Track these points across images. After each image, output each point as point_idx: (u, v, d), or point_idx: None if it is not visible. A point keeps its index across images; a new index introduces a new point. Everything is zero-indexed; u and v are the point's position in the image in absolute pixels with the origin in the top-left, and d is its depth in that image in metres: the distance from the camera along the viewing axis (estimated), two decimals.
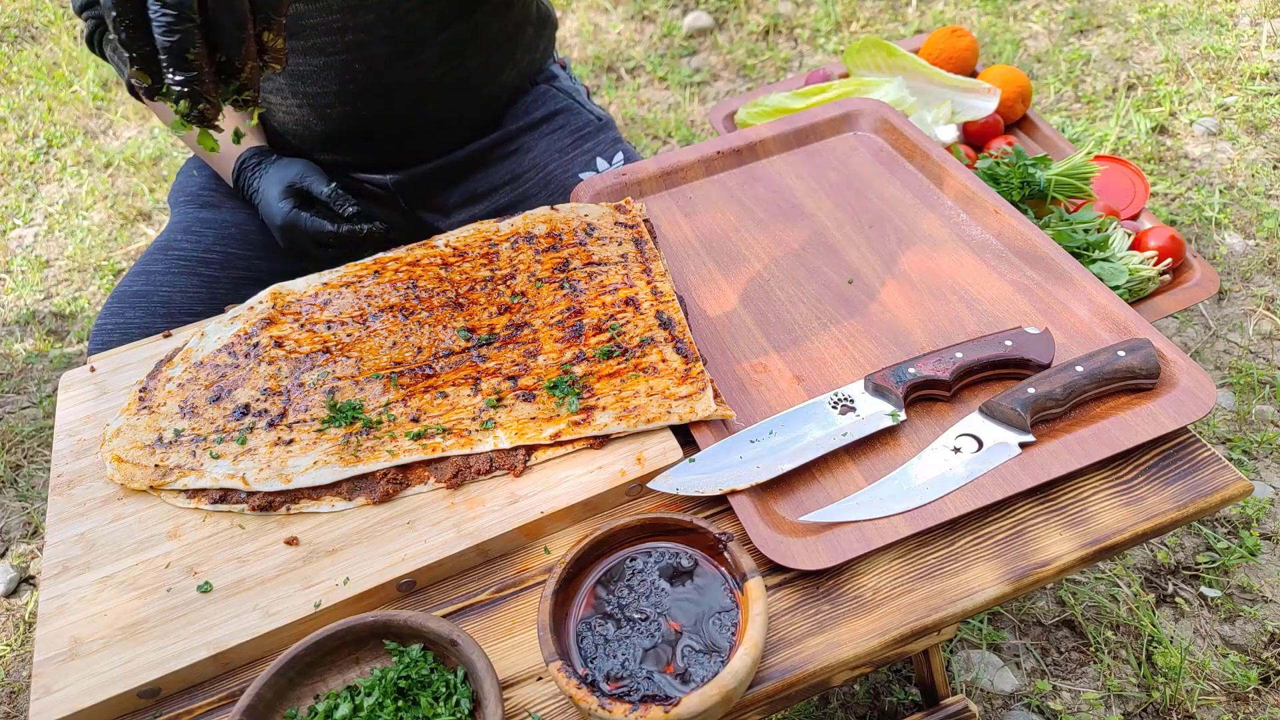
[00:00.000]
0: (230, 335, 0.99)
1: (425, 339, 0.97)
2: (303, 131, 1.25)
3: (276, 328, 0.99)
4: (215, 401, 0.93)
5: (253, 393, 0.94)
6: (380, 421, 0.89)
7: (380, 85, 1.19)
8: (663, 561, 0.75)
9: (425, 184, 1.32)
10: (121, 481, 0.88)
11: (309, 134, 1.25)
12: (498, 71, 1.29)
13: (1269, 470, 1.66)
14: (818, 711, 1.42)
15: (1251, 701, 1.38)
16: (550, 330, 0.96)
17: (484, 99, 1.30)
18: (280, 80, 1.19)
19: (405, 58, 1.18)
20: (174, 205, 1.32)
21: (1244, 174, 2.20)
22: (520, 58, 1.31)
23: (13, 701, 1.61)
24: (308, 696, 0.72)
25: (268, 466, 0.87)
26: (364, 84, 1.19)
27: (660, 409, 0.87)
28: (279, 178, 1.17)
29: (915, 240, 1.05)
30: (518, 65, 1.31)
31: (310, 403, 0.92)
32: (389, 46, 1.16)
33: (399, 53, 1.17)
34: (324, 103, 1.20)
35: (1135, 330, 0.89)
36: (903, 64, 1.63)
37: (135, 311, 1.15)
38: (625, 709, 0.65)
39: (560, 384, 0.90)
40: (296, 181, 1.17)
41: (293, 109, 1.22)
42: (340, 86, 1.18)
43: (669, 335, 0.93)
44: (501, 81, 1.30)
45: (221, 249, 1.23)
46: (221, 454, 0.88)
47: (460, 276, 1.03)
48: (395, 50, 1.17)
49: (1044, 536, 0.77)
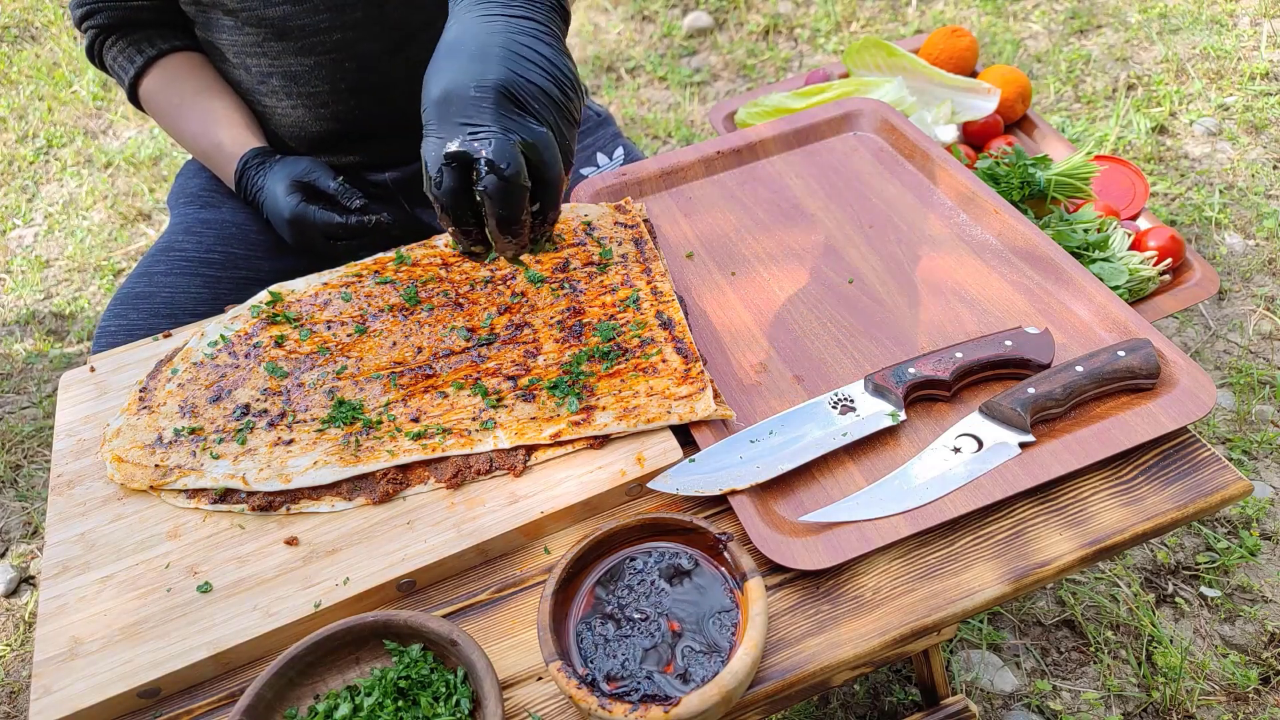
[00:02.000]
0: (231, 335, 0.99)
1: (425, 339, 0.97)
2: (300, 132, 1.25)
3: (277, 328, 0.99)
4: (215, 401, 0.93)
5: (253, 393, 0.94)
6: (380, 421, 0.89)
7: (372, 82, 1.20)
8: (663, 561, 0.75)
9: (417, 179, 1.32)
10: (121, 481, 0.88)
11: (306, 134, 1.25)
12: None
13: (1269, 470, 1.66)
14: (818, 711, 1.42)
15: (1251, 701, 1.38)
16: (550, 330, 0.96)
17: None
18: (275, 81, 1.19)
19: (395, 54, 1.18)
20: (174, 207, 1.33)
21: (1244, 174, 2.20)
22: None
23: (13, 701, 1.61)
24: (308, 696, 0.72)
25: (268, 466, 0.87)
26: (356, 82, 1.19)
27: (660, 409, 0.87)
28: (284, 174, 1.16)
29: (915, 240, 1.05)
30: None
31: (310, 403, 0.92)
32: (378, 43, 1.17)
33: (388, 49, 1.18)
34: (319, 102, 1.21)
35: (1135, 330, 0.89)
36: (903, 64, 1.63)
37: (138, 313, 1.15)
38: (625, 709, 0.65)
39: (560, 384, 0.90)
40: (302, 176, 1.16)
41: (288, 110, 1.22)
42: (333, 85, 1.19)
43: (669, 335, 0.93)
44: None
45: (223, 249, 1.23)
46: (222, 454, 0.89)
47: (460, 276, 1.03)
48: (384, 47, 1.17)
49: (1044, 536, 0.77)
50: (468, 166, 0.70)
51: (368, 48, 1.17)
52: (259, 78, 1.21)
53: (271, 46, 1.16)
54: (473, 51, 0.72)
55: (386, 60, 1.18)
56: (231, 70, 1.23)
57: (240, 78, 1.23)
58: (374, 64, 1.18)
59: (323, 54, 1.16)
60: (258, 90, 1.23)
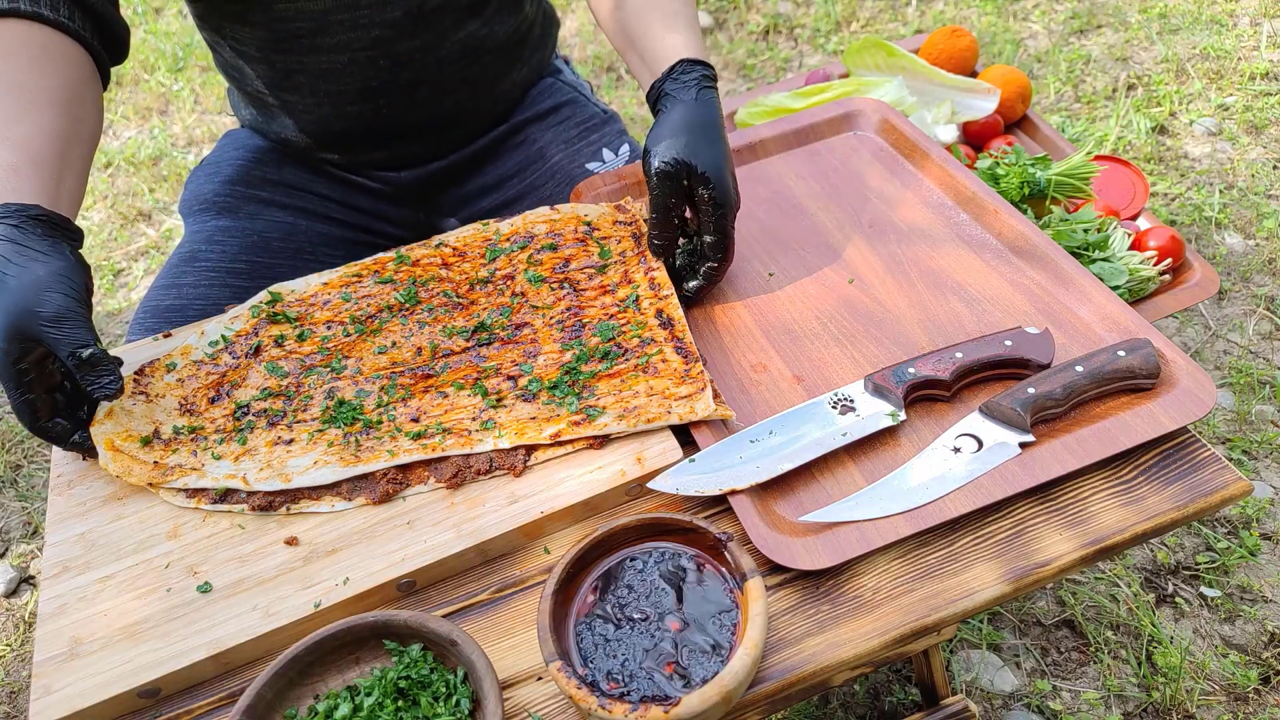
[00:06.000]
0: (231, 335, 0.99)
1: (425, 339, 0.97)
2: (320, 130, 1.24)
3: (277, 327, 0.99)
4: (215, 401, 0.93)
5: (253, 392, 0.93)
6: (380, 421, 0.89)
7: (401, 82, 1.19)
8: (663, 561, 0.75)
9: (436, 179, 1.32)
10: (118, 473, 0.87)
11: (326, 132, 1.24)
12: (509, 68, 1.29)
13: (1269, 470, 1.66)
14: (818, 711, 1.42)
15: (1251, 701, 1.38)
16: (550, 330, 0.96)
17: (497, 96, 1.30)
18: (301, 78, 1.18)
19: (427, 52, 1.18)
20: (188, 215, 1.28)
21: (1244, 174, 2.20)
22: (529, 55, 1.32)
23: (13, 701, 1.61)
24: (308, 696, 0.72)
25: (268, 466, 0.87)
26: (385, 80, 1.18)
27: (660, 409, 0.87)
28: (15, 303, 0.79)
29: (915, 240, 1.04)
30: (528, 63, 1.32)
31: (310, 403, 0.92)
32: (413, 42, 1.16)
33: (421, 48, 1.17)
34: (345, 100, 1.20)
35: (1135, 330, 0.89)
36: (903, 64, 1.63)
37: (172, 326, 1.12)
38: (625, 709, 0.65)
39: (560, 384, 0.90)
40: (40, 322, 0.78)
41: (311, 107, 1.21)
42: (363, 84, 1.18)
43: (669, 334, 0.93)
44: (513, 79, 1.31)
45: (247, 259, 1.21)
46: (223, 454, 0.88)
47: (460, 276, 1.03)
48: (418, 46, 1.17)
49: (1044, 536, 0.77)
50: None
51: (402, 47, 1.16)
52: (284, 73, 1.18)
53: (303, 43, 1.14)
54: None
55: (417, 60, 1.18)
56: (249, 64, 1.20)
57: (259, 71, 1.20)
58: (405, 64, 1.17)
59: (358, 50, 1.15)
60: (280, 85, 1.20)
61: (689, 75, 0.99)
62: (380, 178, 1.31)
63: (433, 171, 1.31)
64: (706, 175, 0.92)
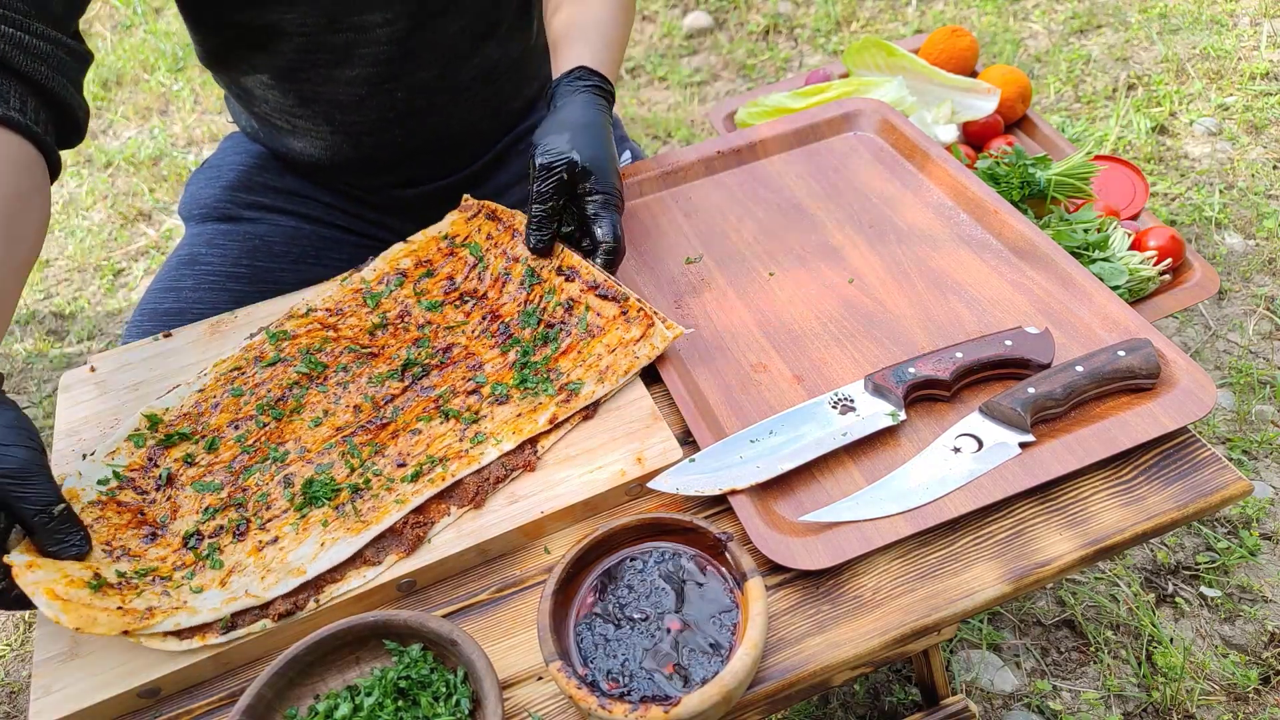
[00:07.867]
0: (123, 470, 0.87)
1: (357, 396, 0.92)
2: (331, 158, 1.22)
3: (175, 449, 0.89)
4: (153, 540, 0.81)
5: (194, 518, 0.83)
6: (368, 480, 0.84)
7: (418, 108, 1.18)
8: (663, 561, 0.75)
9: (444, 193, 1.32)
10: (76, 626, 0.70)
11: (338, 160, 1.23)
12: (521, 86, 1.29)
13: (1269, 470, 1.66)
14: (818, 711, 1.42)
15: (1251, 701, 1.38)
16: (480, 340, 0.95)
17: (510, 113, 1.31)
18: (317, 107, 1.16)
19: (442, 79, 1.17)
20: (188, 218, 1.27)
21: (1244, 174, 2.20)
22: (538, 69, 1.32)
23: (13, 701, 1.61)
24: (308, 696, 0.72)
25: (269, 571, 0.78)
26: (403, 110, 1.18)
27: (626, 358, 0.89)
28: None
29: (915, 240, 1.04)
30: (536, 76, 1.32)
31: (270, 498, 0.84)
32: (432, 71, 1.16)
33: (439, 76, 1.17)
34: (361, 130, 1.19)
35: (1135, 330, 0.89)
36: (903, 64, 1.63)
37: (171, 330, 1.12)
38: (625, 709, 0.65)
39: (526, 378, 0.91)
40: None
41: (325, 135, 1.20)
42: (380, 115, 1.17)
43: (582, 285, 0.93)
44: (525, 95, 1.32)
45: (248, 263, 1.20)
46: (204, 584, 0.78)
47: (353, 331, 0.98)
48: (436, 74, 1.16)
49: (1044, 536, 0.77)
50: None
51: (421, 76, 1.15)
52: (297, 101, 1.16)
53: (320, 74, 1.12)
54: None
55: (435, 88, 1.17)
56: (264, 92, 1.17)
57: (270, 98, 1.17)
58: (421, 89, 1.17)
59: (378, 84, 1.14)
60: (292, 113, 1.18)
61: (582, 81, 1.02)
62: (386, 194, 1.31)
63: (439, 188, 1.31)
64: (588, 169, 0.94)
